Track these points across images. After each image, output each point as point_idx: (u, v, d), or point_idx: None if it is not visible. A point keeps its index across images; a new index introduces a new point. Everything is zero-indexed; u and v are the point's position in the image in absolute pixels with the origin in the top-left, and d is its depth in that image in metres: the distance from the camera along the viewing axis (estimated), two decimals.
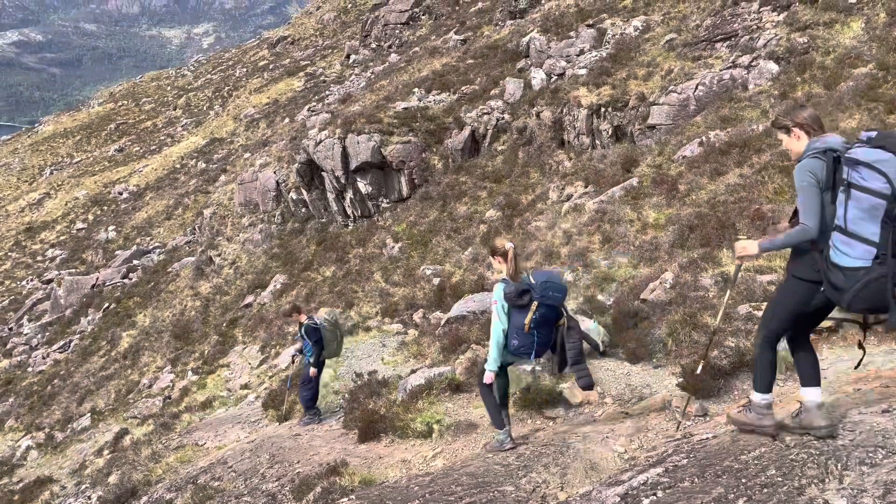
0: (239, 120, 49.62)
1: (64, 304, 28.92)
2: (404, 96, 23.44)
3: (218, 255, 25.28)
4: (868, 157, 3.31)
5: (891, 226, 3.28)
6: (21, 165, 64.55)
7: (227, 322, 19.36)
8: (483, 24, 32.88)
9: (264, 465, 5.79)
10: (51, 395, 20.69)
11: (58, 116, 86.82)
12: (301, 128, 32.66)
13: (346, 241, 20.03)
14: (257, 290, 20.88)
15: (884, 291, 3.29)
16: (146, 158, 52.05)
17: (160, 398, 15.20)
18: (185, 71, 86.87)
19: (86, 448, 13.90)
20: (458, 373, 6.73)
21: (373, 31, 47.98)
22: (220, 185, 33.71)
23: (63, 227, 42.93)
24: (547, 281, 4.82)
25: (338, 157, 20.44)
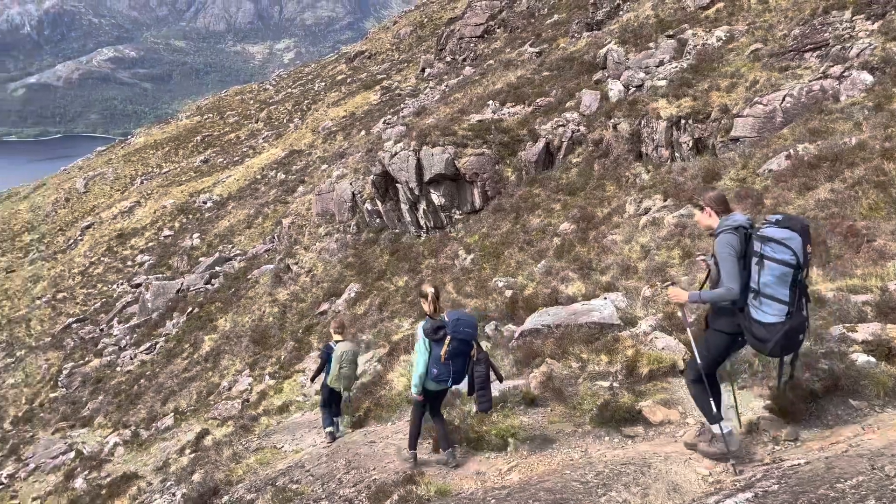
0: (317, 132, 51.01)
1: (151, 307, 30.31)
2: (478, 109, 23.57)
3: (295, 264, 25.99)
4: (778, 236, 4.18)
5: (796, 288, 4.18)
6: (114, 175, 68.29)
7: (303, 328, 19.85)
8: (559, 36, 32.73)
9: (341, 470, 5.89)
10: (137, 394, 21.70)
11: (148, 129, 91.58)
12: (377, 140, 33.33)
13: (419, 252, 20.24)
14: (332, 298, 21.33)
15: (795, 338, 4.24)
16: (229, 169, 54.13)
17: (239, 401, 15.70)
18: (267, 85, 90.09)
19: (169, 446, 14.50)
20: (533, 387, 6.67)
21: (448, 45, 48.49)
22: (298, 195, 34.72)
23: (151, 234, 45.08)
24: (458, 319, 5.69)
25: (412, 168, 20.71)
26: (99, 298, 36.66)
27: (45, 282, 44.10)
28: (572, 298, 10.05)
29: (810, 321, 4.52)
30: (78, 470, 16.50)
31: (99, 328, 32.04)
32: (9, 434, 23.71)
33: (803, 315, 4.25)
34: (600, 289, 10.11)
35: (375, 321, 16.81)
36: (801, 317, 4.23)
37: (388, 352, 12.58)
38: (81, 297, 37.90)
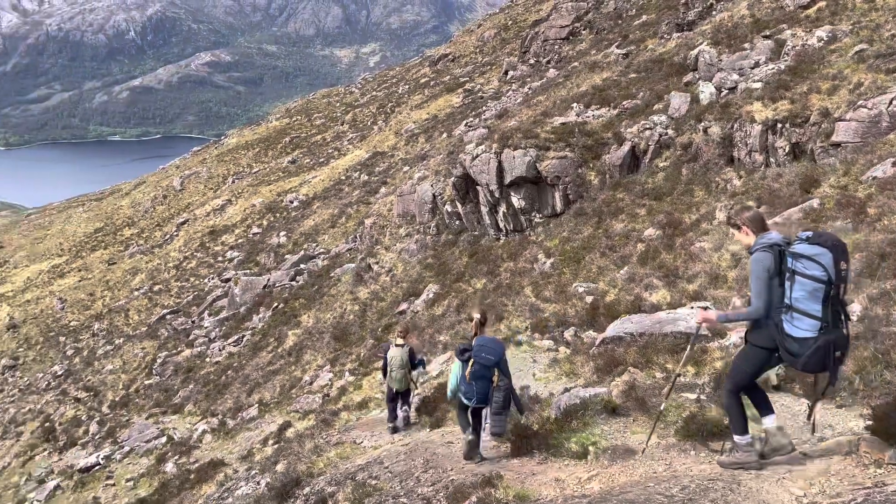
0: (400, 134, 51.78)
1: (239, 301, 31.54)
2: (562, 111, 23.30)
3: (376, 263, 26.47)
4: (808, 252, 4.33)
5: (829, 304, 4.29)
6: (208, 174, 71.54)
7: (382, 327, 20.17)
8: (647, 37, 31.95)
9: (419, 468, 5.95)
10: (224, 384, 22.63)
11: (241, 130, 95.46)
12: (458, 142, 33.50)
13: (498, 255, 20.19)
14: (411, 298, 21.58)
15: (831, 355, 4.29)
16: (315, 170, 55.68)
17: (320, 395, 16.11)
18: (352, 88, 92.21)
19: (253, 436, 15.05)
20: (615, 395, 6.53)
21: (532, 47, 48.21)
22: (380, 196, 35.33)
23: (241, 232, 46.93)
24: (482, 344, 6.25)
25: (493, 171, 20.69)
26: (191, 291, 38.44)
27: (143, 274, 46.66)
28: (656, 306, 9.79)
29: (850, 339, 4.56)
30: (169, 454, 17.37)
31: (191, 320, 33.59)
32: (106, 417, 25.21)
33: (842, 332, 4.34)
34: (687, 297, 9.80)
35: (453, 322, 16.88)
36: (838, 333, 4.33)
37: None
38: (175, 290, 39.86)
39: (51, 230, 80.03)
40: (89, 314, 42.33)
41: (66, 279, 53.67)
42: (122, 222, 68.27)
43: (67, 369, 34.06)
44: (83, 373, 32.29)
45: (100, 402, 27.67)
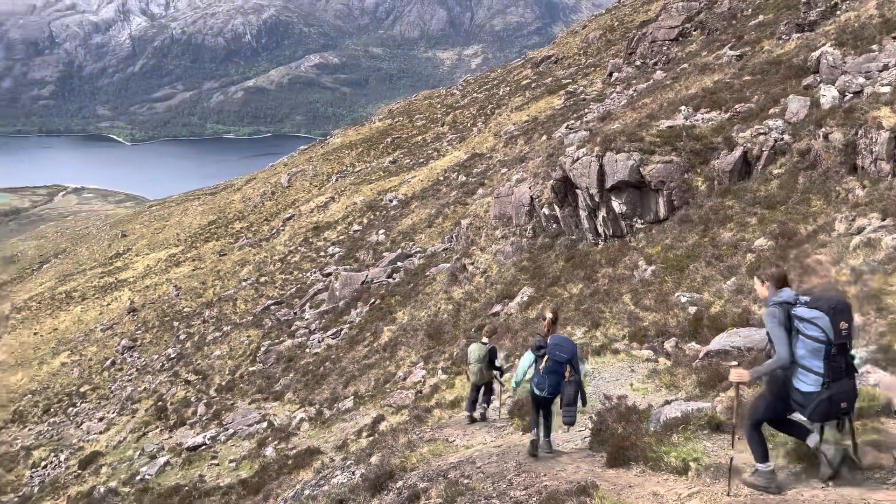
0: (499, 136, 51.78)
1: (338, 295, 32.53)
2: (669, 114, 22.55)
3: (471, 264, 26.58)
4: (807, 315, 4.79)
5: (830, 361, 4.71)
6: (314, 172, 74.21)
7: (475, 328, 20.23)
8: (763, 38, 30.41)
9: (511, 471, 5.92)
10: (322, 375, 23.40)
11: (345, 130, 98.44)
12: (558, 145, 33.09)
13: (596, 260, 19.79)
14: (505, 301, 21.53)
15: (837, 406, 4.74)
16: (415, 170, 56.62)
17: (412, 391, 16.36)
18: (454, 90, 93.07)
19: (348, 427, 15.47)
20: (719, 411, 6.25)
21: (638, 49, 46.97)
22: (477, 197, 35.45)
23: (342, 228, 48.39)
24: (557, 343, 7.07)
25: (594, 174, 20.31)
26: (294, 284, 39.99)
27: (251, 266, 48.99)
28: None
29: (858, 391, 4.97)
30: (269, 439, 18.15)
31: (293, 311, 34.95)
32: (213, 400, 26.64)
33: (848, 384, 4.76)
34: None
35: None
36: (845, 386, 4.75)
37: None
38: (280, 282, 41.60)
39: (169, 221, 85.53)
40: (201, 302, 44.87)
41: (182, 268, 57.17)
42: (234, 216, 71.97)
43: (180, 353, 36.26)
44: (193, 357, 34.28)
45: (207, 386, 29.28)
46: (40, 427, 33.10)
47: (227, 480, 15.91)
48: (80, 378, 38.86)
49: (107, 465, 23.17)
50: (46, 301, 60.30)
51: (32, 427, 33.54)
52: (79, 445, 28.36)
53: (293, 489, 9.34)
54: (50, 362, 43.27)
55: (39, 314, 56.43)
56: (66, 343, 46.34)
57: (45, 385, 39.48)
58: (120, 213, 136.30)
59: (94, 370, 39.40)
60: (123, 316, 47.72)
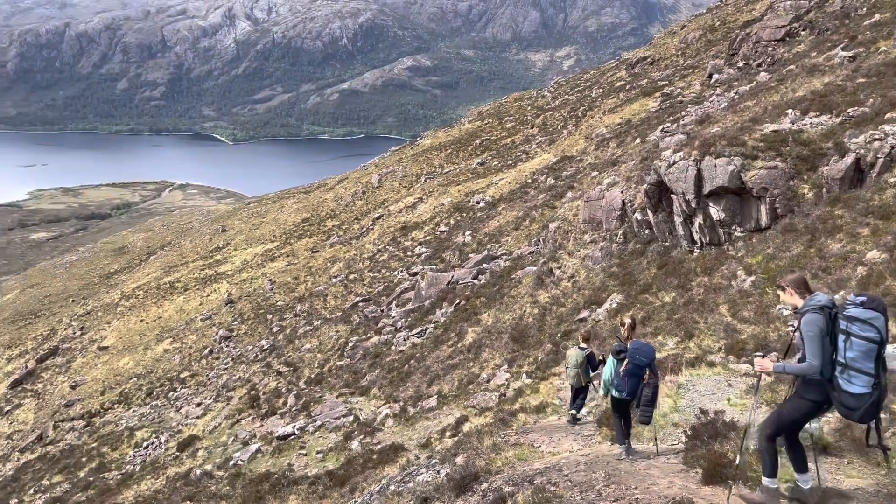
0: (590, 139, 50.90)
1: (424, 295, 32.88)
2: (774, 118, 21.48)
3: (558, 268, 26.23)
4: (863, 316, 4.83)
5: (879, 362, 4.83)
6: (403, 173, 75.39)
7: (561, 333, 19.96)
8: (879, 38, 28.50)
9: (600, 482, 5.78)
10: (407, 373, 23.70)
11: (435, 132, 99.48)
12: (653, 148, 32.15)
13: (690, 268, 19.10)
14: (593, 306, 21.11)
15: (879, 406, 4.84)
16: (503, 172, 56.49)
17: (496, 394, 16.30)
18: (545, 92, 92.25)
19: (431, 426, 15.59)
20: (826, 432, 5.89)
21: (741, 49, 45.04)
22: (566, 201, 34.95)
23: (430, 229, 48.89)
24: (637, 348, 7.53)
25: (691, 179, 19.61)
26: (382, 282, 40.74)
27: (341, 263, 50.28)
28: None
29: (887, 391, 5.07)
30: (355, 433, 18.55)
31: (380, 309, 35.60)
32: (303, 392, 27.50)
33: (883, 386, 4.89)
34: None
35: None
36: (881, 388, 4.88)
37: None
38: (368, 280, 42.48)
39: (266, 218, 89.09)
40: (293, 296, 46.45)
41: (276, 263, 59.40)
42: (326, 214, 74.12)
43: (272, 344, 37.67)
44: (285, 349, 35.53)
45: (297, 377, 30.26)
46: (143, 409, 35.17)
47: (315, 471, 16.38)
48: (180, 364, 41.05)
49: (203, 449, 24.35)
50: (152, 290, 64.10)
51: (136, 409, 35.69)
52: (178, 429, 29.95)
53: (378, 484, 9.50)
54: (154, 348, 45.95)
55: (146, 302, 60.04)
56: (168, 331, 49.08)
57: (149, 370, 41.95)
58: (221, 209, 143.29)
59: (193, 358, 41.52)
60: (221, 307, 50.05)
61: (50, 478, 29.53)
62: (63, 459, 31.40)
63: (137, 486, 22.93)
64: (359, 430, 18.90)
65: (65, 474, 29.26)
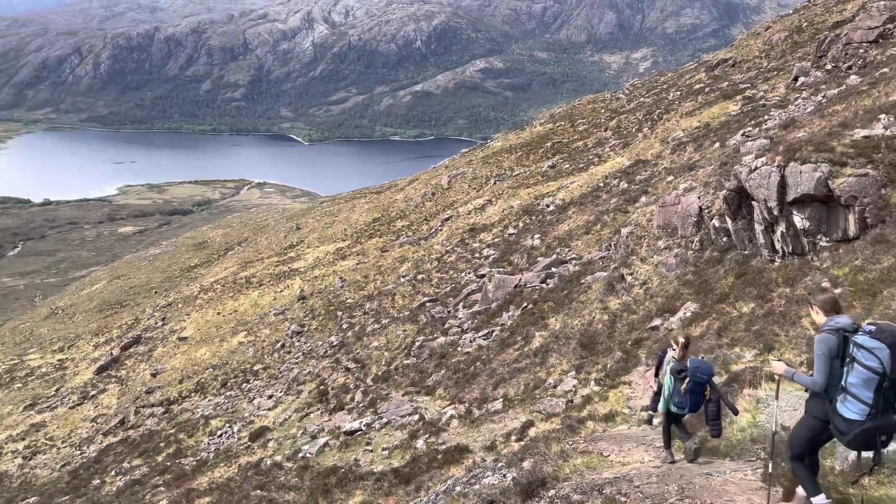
0: (666, 143, 49.63)
1: (491, 297, 32.83)
2: (865, 123, 20.40)
3: (630, 274, 25.69)
4: (868, 344, 4.93)
5: (881, 393, 4.85)
6: (473, 175, 75.52)
7: (632, 340, 19.54)
8: None
9: (672, 495, 5.62)
10: (473, 374, 23.71)
11: (506, 134, 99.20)
12: (733, 153, 31.07)
13: (771, 278, 18.34)
14: (665, 315, 20.58)
15: (876, 438, 4.89)
16: (574, 175, 55.80)
17: (563, 400, 16.11)
18: (619, 94, 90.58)
19: (496, 429, 15.55)
20: None
21: (830, 51, 43.00)
22: (639, 205, 34.20)
23: (498, 231, 48.80)
24: (697, 366, 7.87)
25: (773, 186, 18.83)
26: (449, 283, 40.93)
27: (409, 263, 50.80)
28: None
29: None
30: (420, 432, 18.70)
31: (447, 310, 35.77)
32: (370, 389, 27.92)
33: (891, 419, 4.87)
34: None
35: (712, 346, 15.73)
36: (888, 420, 4.87)
37: (725, 382, 11.68)
38: (436, 280, 42.76)
39: (338, 217, 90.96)
40: (363, 294, 47.24)
41: (347, 261, 60.57)
42: (396, 214, 75.06)
43: (342, 341, 38.42)
44: (354, 346, 36.16)
45: (365, 374, 30.75)
46: (218, 399, 36.48)
47: (380, 467, 16.60)
48: (254, 357, 42.38)
49: (273, 440, 25.06)
50: (229, 284, 66.45)
51: (212, 398, 37.06)
52: (250, 419, 30.93)
53: (444, 484, 9.53)
54: (229, 340, 47.61)
55: (223, 296, 62.29)
56: (243, 324, 50.75)
57: (224, 361, 43.49)
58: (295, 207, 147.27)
59: (266, 351, 42.79)
60: (294, 303, 51.40)
61: (130, 461, 31.02)
62: (143, 444, 32.92)
63: (211, 472, 23.80)
64: (424, 429, 19.03)
65: (144, 458, 30.66)
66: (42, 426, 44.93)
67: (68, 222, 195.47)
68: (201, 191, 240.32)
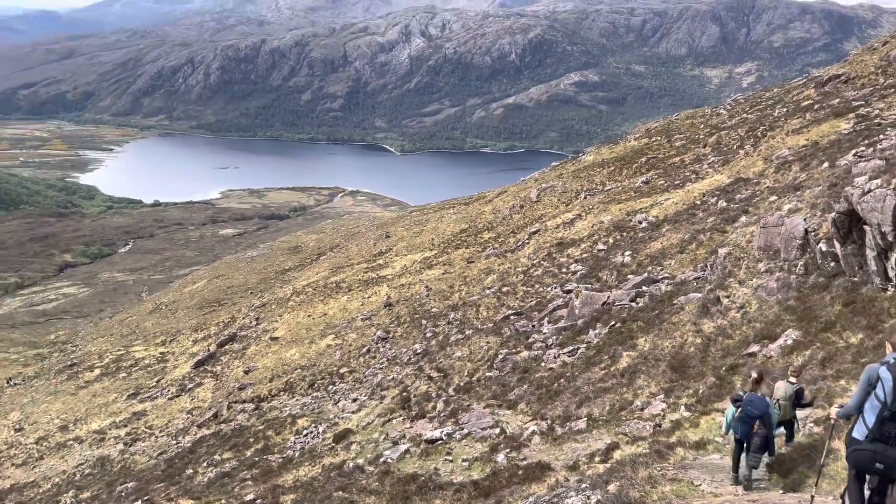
0: (769, 161, 47.41)
1: (578, 314, 32.29)
2: None
3: (726, 297, 24.66)
4: (882, 374, 5.69)
5: (880, 422, 5.56)
6: (563, 189, 74.70)
7: (726, 366, 18.72)
8: None
9: None
10: (556, 391, 23.35)
11: (598, 148, 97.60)
12: (843, 174, 29.34)
13: (883, 308, 17.15)
14: (764, 341, 19.61)
15: (869, 461, 5.61)
16: (669, 192, 54.19)
17: (650, 424, 15.60)
18: (720, 109, 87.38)
19: (579, 448, 15.22)
20: None
21: None
22: (739, 226, 32.81)
23: (587, 247, 47.98)
24: (750, 401, 9.09)
25: (888, 210, 17.66)
26: (534, 297, 40.57)
27: (495, 275, 50.72)
28: None
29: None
30: (501, 446, 18.56)
31: (531, 324, 35.45)
32: (451, 399, 28.01)
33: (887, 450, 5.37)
34: None
35: (815, 377, 14.85)
36: (889, 451, 5.37)
37: (827, 416, 11.00)
38: (521, 294, 42.49)
39: (426, 226, 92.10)
40: (447, 304, 47.55)
41: (433, 270, 61.17)
42: (483, 226, 75.22)
43: (425, 349, 38.78)
44: (437, 355, 36.41)
45: (447, 384, 30.88)
46: (305, 399, 37.57)
47: (460, 478, 16.59)
48: (340, 360, 43.43)
49: (356, 443, 25.54)
50: (320, 288, 68.47)
51: (299, 398, 38.21)
52: (334, 421, 31.67)
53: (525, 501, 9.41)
54: (318, 343, 49.01)
55: (314, 299, 64.26)
56: (332, 327, 52.13)
57: (312, 362, 44.79)
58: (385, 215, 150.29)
59: (352, 355, 43.76)
60: (380, 309, 52.35)
61: (221, 453, 32.37)
62: (233, 438, 34.30)
63: (296, 470, 24.50)
64: (505, 443, 18.89)
65: (234, 452, 31.94)
66: (143, 415, 47.68)
67: (175, 223, 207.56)
68: (297, 197, 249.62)
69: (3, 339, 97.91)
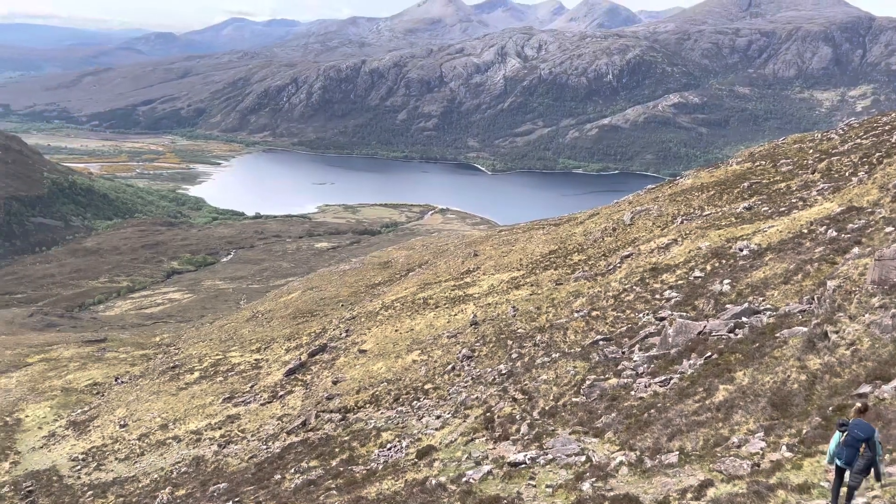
0: (885, 189, 44.38)
1: (671, 343, 31.15)
2: None
3: (835, 332, 23.13)
4: None
5: None
6: (658, 212, 72.62)
7: (833, 406, 17.52)
8: None
9: None
10: (646, 422, 22.55)
11: (697, 171, 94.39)
12: None
13: None
14: (877, 382, 18.24)
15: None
16: (773, 219, 51.66)
17: (748, 462, 14.78)
18: (831, 134, 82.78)
19: (670, 483, 14.60)
20: None
21: None
22: (851, 257, 30.80)
23: (682, 273, 46.32)
24: (856, 426, 9.64)
25: None
26: (625, 323, 39.49)
27: (584, 298, 49.77)
28: None
29: None
30: (587, 475, 18.08)
31: (621, 350, 34.49)
32: (536, 422, 27.58)
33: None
34: None
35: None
36: None
37: None
38: (611, 319, 41.48)
39: (515, 246, 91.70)
40: (534, 325, 47.04)
41: (520, 291, 60.73)
42: (573, 248, 74.15)
43: (510, 370, 38.45)
44: (522, 377, 36.01)
45: (532, 407, 30.45)
46: (390, 413, 38.01)
47: None
48: (425, 376, 43.73)
49: (439, 461, 25.55)
50: (408, 304, 69.39)
51: (384, 411, 38.71)
52: (418, 436, 31.85)
53: None
54: (404, 357, 49.57)
55: (401, 314, 65.15)
56: (418, 343, 52.63)
57: (398, 376, 45.32)
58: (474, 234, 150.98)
59: (437, 371, 43.97)
60: (466, 327, 52.42)
61: (308, 461, 33.19)
62: (320, 446, 35.12)
63: (379, 483, 24.76)
64: (591, 472, 18.38)
65: (320, 460, 32.67)
66: (236, 418, 49.65)
67: (274, 235, 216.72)
68: (389, 213, 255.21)
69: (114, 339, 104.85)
